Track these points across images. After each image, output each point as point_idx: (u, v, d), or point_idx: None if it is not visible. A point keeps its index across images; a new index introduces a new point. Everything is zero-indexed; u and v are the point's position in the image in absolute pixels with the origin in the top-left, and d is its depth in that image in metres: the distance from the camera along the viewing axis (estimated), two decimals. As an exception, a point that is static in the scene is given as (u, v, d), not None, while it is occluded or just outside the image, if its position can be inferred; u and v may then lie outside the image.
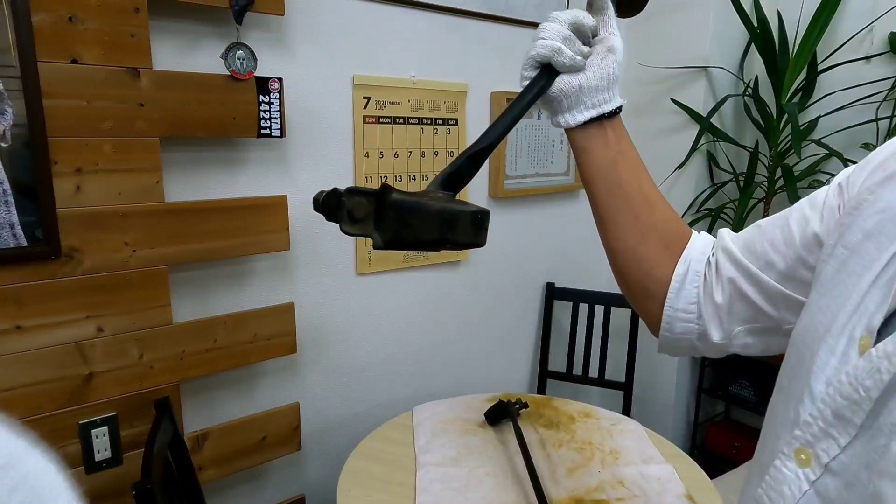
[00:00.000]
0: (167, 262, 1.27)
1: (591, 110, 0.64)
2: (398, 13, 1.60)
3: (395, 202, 0.47)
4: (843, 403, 0.42)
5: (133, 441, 1.28)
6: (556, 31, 0.62)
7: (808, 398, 0.45)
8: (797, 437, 0.45)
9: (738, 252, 0.60)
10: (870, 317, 0.43)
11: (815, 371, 0.45)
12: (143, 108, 1.19)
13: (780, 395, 0.50)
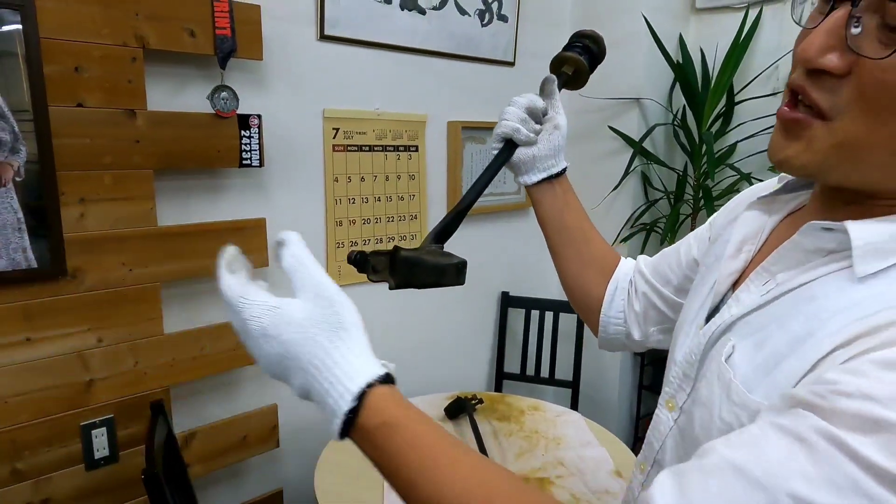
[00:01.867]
0: (159, 279, 1.42)
1: (542, 173, 0.85)
2: (363, 53, 1.80)
3: (403, 259, 0.67)
4: (686, 365, 0.62)
5: (128, 441, 1.42)
6: (515, 115, 0.81)
7: (672, 365, 0.66)
8: (666, 392, 0.66)
9: (648, 273, 0.84)
10: (703, 311, 0.64)
11: (677, 348, 0.67)
12: (139, 144, 1.35)
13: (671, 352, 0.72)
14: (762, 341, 0.52)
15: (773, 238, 0.61)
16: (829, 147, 0.48)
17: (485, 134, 2.21)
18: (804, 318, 0.49)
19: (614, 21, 2.26)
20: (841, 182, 0.50)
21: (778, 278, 0.54)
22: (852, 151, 0.47)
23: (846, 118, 0.46)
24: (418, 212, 2.02)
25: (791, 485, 0.39)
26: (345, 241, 1.85)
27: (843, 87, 0.46)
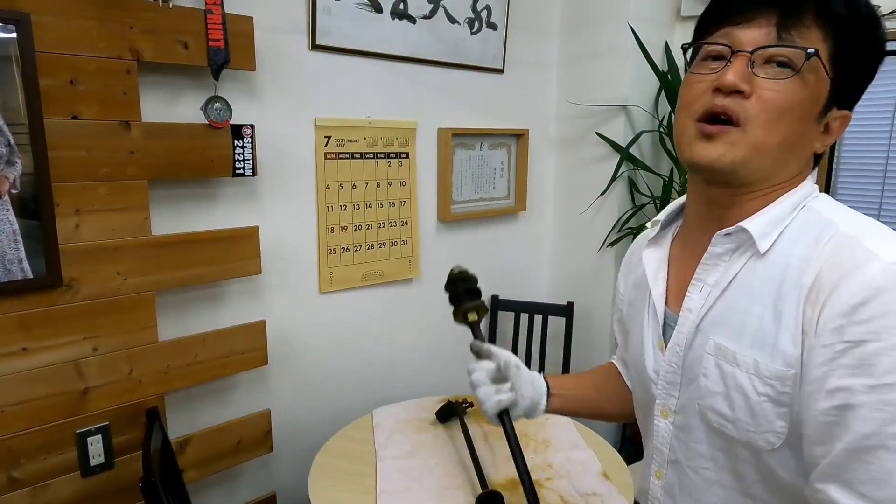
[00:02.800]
0: (154, 288, 1.44)
1: (540, 405, 0.95)
2: (354, 62, 1.82)
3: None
4: (669, 375, 0.75)
5: (124, 447, 1.44)
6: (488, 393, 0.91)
7: (650, 384, 0.78)
8: (657, 405, 0.77)
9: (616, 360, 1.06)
10: (654, 334, 0.78)
11: (645, 370, 0.80)
12: (134, 155, 1.36)
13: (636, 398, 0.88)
14: (739, 328, 0.66)
15: (673, 261, 0.79)
16: (746, 146, 0.64)
17: (474, 140, 2.24)
18: (758, 295, 0.65)
19: (601, 29, 2.30)
20: (748, 175, 0.67)
21: (709, 282, 0.71)
22: (759, 149, 0.65)
23: (753, 125, 0.64)
24: (409, 217, 2.05)
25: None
26: (336, 247, 1.88)
27: (749, 104, 0.64)
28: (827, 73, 0.64)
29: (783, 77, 0.63)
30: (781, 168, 0.67)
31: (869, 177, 2.06)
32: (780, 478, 0.65)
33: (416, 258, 2.10)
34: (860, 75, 0.66)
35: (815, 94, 0.64)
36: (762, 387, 0.63)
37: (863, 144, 2.06)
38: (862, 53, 0.65)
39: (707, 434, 0.71)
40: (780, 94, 0.63)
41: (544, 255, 2.61)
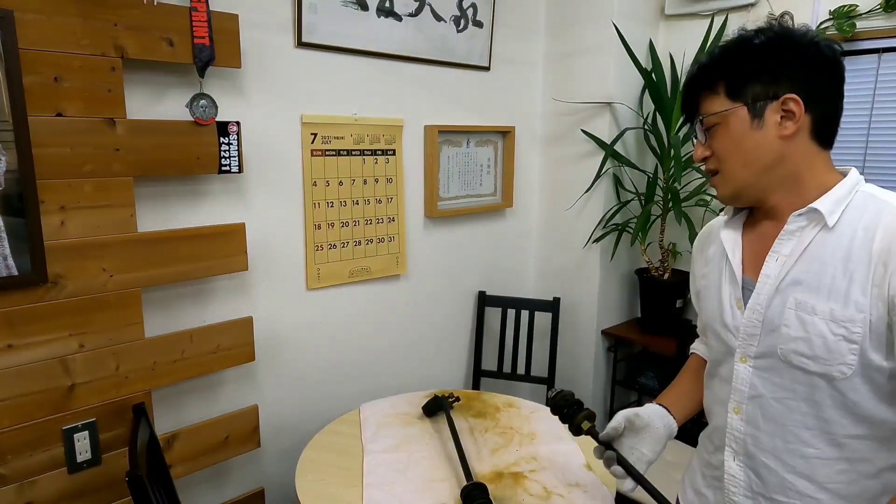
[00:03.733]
0: (140, 284, 1.45)
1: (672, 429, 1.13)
2: (340, 59, 1.83)
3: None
4: (750, 328, 0.92)
5: (110, 443, 1.45)
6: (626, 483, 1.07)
7: (730, 337, 0.95)
8: (738, 354, 0.94)
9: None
10: (733, 297, 0.96)
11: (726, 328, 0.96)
12: (119, 152, 1.37)
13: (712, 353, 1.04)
14: (815, 286, 0.85)
15: (745, 240, 0.98)
16: (729, 181, 0.92)
17: (461, 137, 2.25)
18: (830, 259, 0.84)
19: (586, 28, 2.32)
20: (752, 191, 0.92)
21: (784, 253, 0.89)
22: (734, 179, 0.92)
23: (724, 168, 0.92)
24: (396, 214, 2.07)
25: None
26: (324, 243, 1.89)
27: (712, 160, 0.93)
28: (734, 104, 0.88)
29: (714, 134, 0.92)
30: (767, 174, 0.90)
31: (848, 173, 2.09)
32: (852, 402, 0.84)
33: (403, 255, 2.11)
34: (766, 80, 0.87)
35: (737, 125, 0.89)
36: (837, 329, 0.82)
37: (841, 141, 2.10)
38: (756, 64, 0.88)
39: (788, 371, 0.88)
40: (718, 145, 0.92)
41: (531, 251, 2.64)
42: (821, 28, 2.03)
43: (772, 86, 0.86)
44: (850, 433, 0.85)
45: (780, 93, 0.85)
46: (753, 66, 0.87)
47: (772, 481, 0.92)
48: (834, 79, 0.88)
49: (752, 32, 0.89)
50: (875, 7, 1.93)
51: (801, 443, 0.88)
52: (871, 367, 0.81)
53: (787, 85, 0.85)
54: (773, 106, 0.86)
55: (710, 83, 0.91)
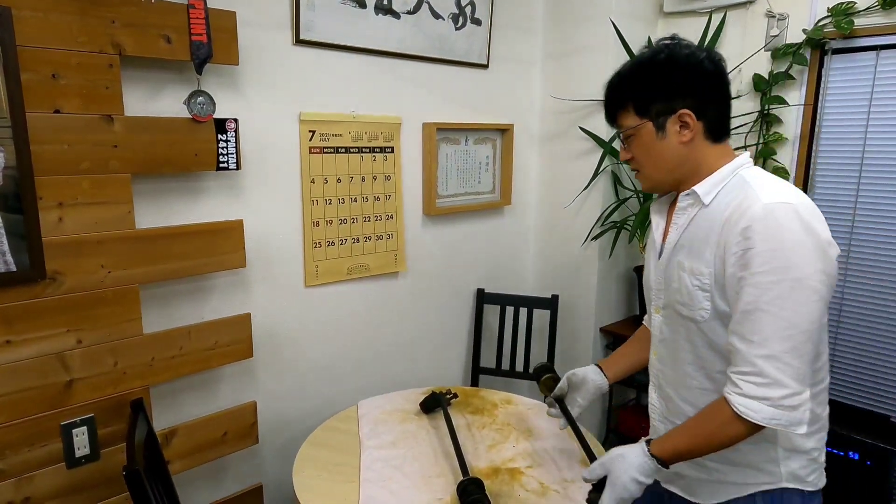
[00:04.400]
0: (138, 281, 1.45)
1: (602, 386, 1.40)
2: (338, 57, 1.83)
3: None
4: (658, 284, 1.15)
5: (109, 439, 1.45)
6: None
7: (651, 289, 1.18)
8: (653, 306, 1.17)
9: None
10: (653, 261, 1.17)
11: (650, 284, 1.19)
12: (117, 149, 1.37)
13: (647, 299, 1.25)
14: (689, 250, 1.07)
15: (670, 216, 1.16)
16: (649, 176, 1.12)
17: (459, 135, 2.26)
18: (701, 230, 1.05)
19: (584, 25, 2.32)
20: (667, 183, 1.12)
21: (678, 223, 1.10)
22: (652, 175, 1.11)
23: (643, 167, 1.12)
24: (394, 211, 2.07)
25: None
26: (322, 241, 1.89)
27: (634, 161, 1.12)
28: (642, 121, 1.07)
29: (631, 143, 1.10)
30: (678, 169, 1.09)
31: (846, 168, 2.09)
32: (714, 341, 1.05)
33: (402, 252, 2.12)
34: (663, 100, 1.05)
35: (647, 136, 1.07)
36: (695, 280, 1.05)
37: (839, 138, 2.10)
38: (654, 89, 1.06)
39: (676, 317, 1.10)
40: (636, 151, 1.10)
41: (529, 248, 2.64)
42: (818, 26, 2.03)
43: (669, 102, 1.05)
44: (719, 369, 1.06)
45: (677, 108, 1.04)
46: (653, 87, 1.06)
47: (672, 408, 1.16)
48: (719, 86, 1.07)
49: (648, 56, 1.08)
50: (873, 4, 1.92)
51: (687, 376, 1.12)
52: (720, 311, 1.03)
53: (680, 101, 1.04)
54: (672, 119, 1.05)
55: (622, 102, 1.10)
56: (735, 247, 0.97)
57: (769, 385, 0.93)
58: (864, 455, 1.90)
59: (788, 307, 0.93)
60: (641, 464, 1.03)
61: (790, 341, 0.93)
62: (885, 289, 2.06)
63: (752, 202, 0.96)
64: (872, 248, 2.07)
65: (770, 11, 2.14)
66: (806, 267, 0.93)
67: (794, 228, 0.93)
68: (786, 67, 2.12)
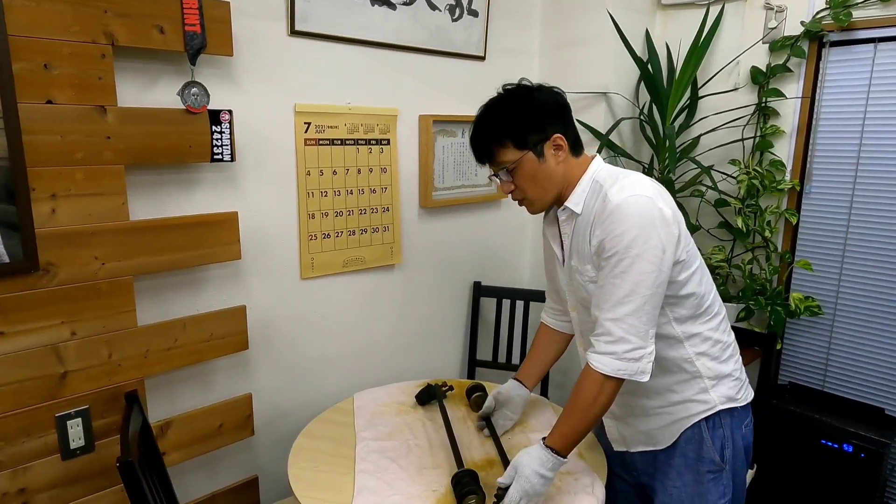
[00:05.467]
0: (132, 272, 1.45)
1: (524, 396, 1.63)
2: (334, 48, 1.82)
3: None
4: (566, 286, 1.38)
5: (104, 431, 1.45)
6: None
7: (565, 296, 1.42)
8: (570, 306, 1.40)
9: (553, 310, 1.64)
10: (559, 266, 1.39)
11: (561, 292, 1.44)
12: (110, 140, 1.37)
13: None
14: (580, 255, 1.27)
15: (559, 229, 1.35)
16: (535, 201, 1.30)
17: (455, 127, 2.25)
18: (581, 235, 1.25)
19: (582, 17, 2.31)
20: (553, 201, 1.30)
21: (567, 233, 1.31)
22: (539, 199, 1.29)
23: (528, 195, 1.29)
24: (390, 204, 2.06)
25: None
26: (317, 233, 1.89)
27: (517, 192, 1.30)
28: (522, 152, 1.24)
29: (515, 176, 1.26)
30: (557, 188, 1.27)
31: (843, 161, 2.09)
32: None
33: (398, 244, 2.11)
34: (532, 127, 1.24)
35: (528, 165, 1.24)
36: (585, 277, 1.26)
37: (836, 131, 2.09)
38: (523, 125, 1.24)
39: (585, 311, 1.30)
40: (519, 182, 1.27)
41: (526, 241, 2.64)
42: (817, 18, 2.02)
43: (543, 131, 1.23)
44: None
45: (549, 134, 1.23)
46: (526, 120, 1.24)
47: None
48: (569, 111, 1.30)
49: (508, 98, 1.29)
50: (871, -4, 1.92)
51: None
52: None
53: (551, 127, 1.23)
54: (548, 144, 1.23)
55: (499, 140, 1.25)
56: (597, 239, 1.19)
57: (615, 342, 1.15)
58: (858, 447, 1.91)
59: (629, 279, 1.14)
60: (540, 457, 1.19)
61: (631, 305, 1.14)
62: (881, 281, 2.07)
63: (606, 203, 1.18)
64: (868, 241, 2.07)
65: (768, 4, 2.14)
66: (643, 245, 1.13)
67: (633, 216, 1.14)
68: (783, 60, 2.11)
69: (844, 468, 1.94)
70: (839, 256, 2.13)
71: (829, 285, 2.17)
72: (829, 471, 1.96)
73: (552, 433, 1.22)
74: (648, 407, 1.34)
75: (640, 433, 1.38)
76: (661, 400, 1.32)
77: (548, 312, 1.62)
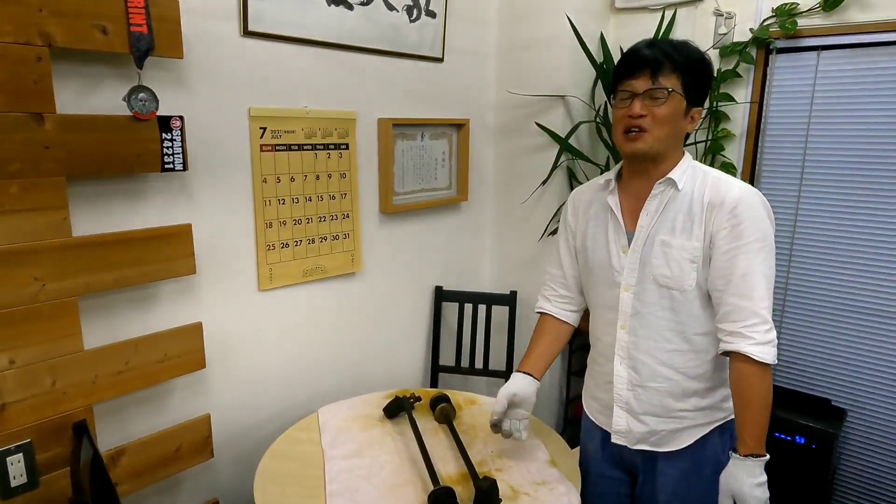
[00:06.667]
0: (77, 293, 1.34)
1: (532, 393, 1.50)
2: (289, 49, 1.75)
3: None
4: (631, 264, 1.31)
5: (49, 464, 1.34)
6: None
7: (615, 274, 1.34)
8: (622, 286, 1.33)
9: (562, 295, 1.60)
10: (619, 244, 1.34)
11: (611, 263, 1.35)
12: (49, 150, 1.26)
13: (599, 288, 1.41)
14: (671, 228, 1.26)
15: (623, 201, 1.35)
16: (653, 140, 1.23)
17: (415, 130, 2.21)
18: (678, 211, 1.25)
19: (538, 20, 2.31)
20: (658, 153, 1.25)
21: (651, 209, 1.29)
22: (657, 139, 1.23)
23: (652, 129, 1.22)
24: (350, 210, 2.00)
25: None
26: (276, 242, 1.81)
27: (646, 120, 1.22)
28: (682, 95, 1.22)
29: (660, 103, 1.21)
30: (670, 145, 1.25)
31: (789, 163, 2.17)
32: (692, 309, 1.27)
33: (359, 252, 2.06)
34: (700, 92, 1.26)
35: (677, 106, 1.22)
36: (685, 254, 1.24)
37: (783, 135, 2.17)
38: (699, 82, 1.25)
39: (657, 290, 1.28)
40: (661, 111, 1.22)
41: (486, 244, 2.63)
42: (764, 25, 2.09)
43: (701, 98, 1.27)
44: (695, 331, 1.28)
45: (700, 104, 1.27)
46: (705, 80, 1.26)
47: (645, 373, 1.33)
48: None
49: (704, 56, 1.27)
50: (815, 6, 2.00)
51: (665, 341, 1.29)
52: (700, 281, 1.24)
53: (704, 101, 1.28)
54: (695, 110, 1.26)
55: (675, 67, 1.21)
56: (726, 223, 1.19)
57: (771, 329, 1.17)
58: (810, 439, 1.99)
59: (769, 266, 1.19)
60: (749, 469, 1.15)
61: (770, 291, 1.19)
62: (825, 277, 2.17)
63: (727, 189, 1.22)
64: (814, 240, 2.17)
65: (718, 10, 2.19)
66: (771, 235, 1.20)
67: (760, 206, 1.20)
68: (733, 65, 2.17)
69: (798, 459, 2.02)
70: (787, 256, 2.22)
71: (778, 284, 2.24)
72: (783, 463, 2.04)
73: (742, 441, 1.18)
74: (672, 408, 1.33)
75: (650, 432, 1.35)
76: (686, 403, 1.32)
77: (551, 302, 1.57)
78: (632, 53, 1.27)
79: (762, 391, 1.17)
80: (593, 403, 1.51)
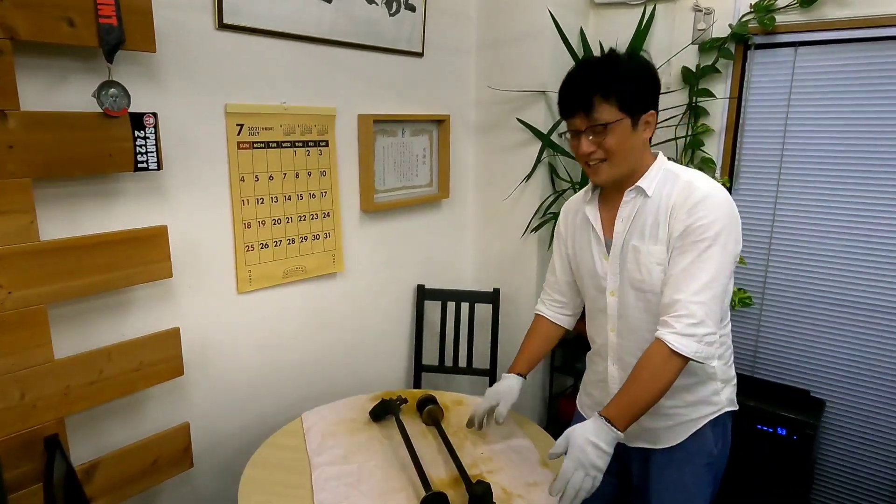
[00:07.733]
0: (46, 300, 1.27)
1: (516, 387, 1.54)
2: (266, 43, 1.69)
3: None
4: (613, 269, 1.33)
5: (19, 482, 1.27)
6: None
7: (601, 280, 1.35)
8: (608, 290, 1.35)
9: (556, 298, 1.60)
10: (599, 252, 1.35)
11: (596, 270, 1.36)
12: (13, 150, 1.18)
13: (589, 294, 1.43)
14: (641, 234, 1.27)
15: (602, 211, 1.36)
16: (611, 169, 1.25)
17: (395, 126, 2.16)
18: (648, 216, 1.26)
19: (519, 14, 2.28)
20: (622, 175, 1.27)
21: (624, 216, 1.29)
22: (615, 167, 1.25)
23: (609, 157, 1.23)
24: (331, 209, 1.95)
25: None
26: (254, 243, 1.75)
27: (600, 152, 1.23)
28: (624, 116, 1.20)
29: (603, 137, 1.21)
30: (632, 163, 1.26)
31: (767, 158, 2.20)
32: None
33: (340, 251, 2.01)
34: (646, 100, 1.22)
35: (623, 131, 1.21)
36: (652, 258, 1.25)
37: (761, 130, 2.20)
38: (640, 93, 1.21)
39: (634, 293, 1.30)
40: (608, 143, 1.21)
41: (468, 242, 2.60)
42: (742, 21, 2.10)
43: (646, 103, 1.22)
44: None
45: (650, 108, 1.23)
46: (639, 87, 1.21)
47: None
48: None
49: (627, 58, 1.23)
50: (792, 2, 2.01)
51: (646, 342, 1.25)
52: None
53: (652, 103, 1.24)
54: (644, 117, 1.23)
55: (605, 94, 1.19)
56: (681, 223, 1.20)
57: (697, 325, 1.15)
58: (791, 431, 2.02)
59: (713, 264, 1.17)
60: (595, 427, 1.16)
61: (713, 290, 1.17)
62: (803, 271, 2.20)
63: (693, 190, 1.21)
64: (792, 234, 2.20)
65: (697, 6, 2.20)
66: (726, 235, 1.18)
67: (719, 207, 1.19)
68: (712, 61, 2.18)
69: (780, 451, 2.05)
70: (765, 250, 2.24)
71: (757, 278, 2.28)
72: (766, 454, 2.07)
73: (608, 404, 1.19)
74: (662, 405, 1.31)
75: (644, 430, 1.37)
76: (676, 400, 1.32)
77: (547, 305, 1.59)
78: (563, 92, 1.26)
79: (657, 373, 1.17)
80: (587, 400, 1.53)
